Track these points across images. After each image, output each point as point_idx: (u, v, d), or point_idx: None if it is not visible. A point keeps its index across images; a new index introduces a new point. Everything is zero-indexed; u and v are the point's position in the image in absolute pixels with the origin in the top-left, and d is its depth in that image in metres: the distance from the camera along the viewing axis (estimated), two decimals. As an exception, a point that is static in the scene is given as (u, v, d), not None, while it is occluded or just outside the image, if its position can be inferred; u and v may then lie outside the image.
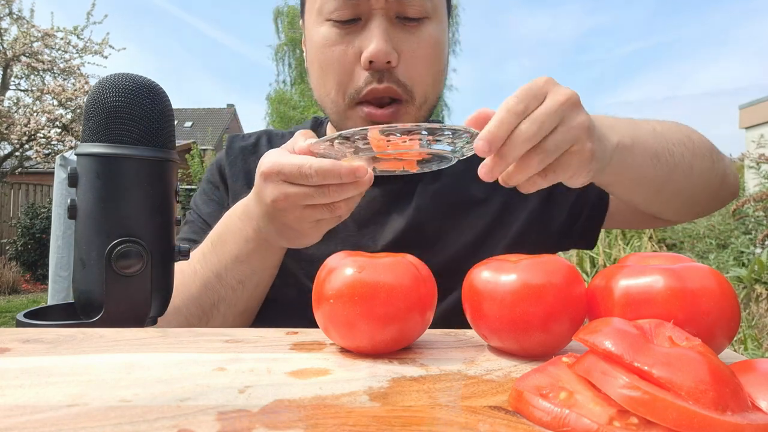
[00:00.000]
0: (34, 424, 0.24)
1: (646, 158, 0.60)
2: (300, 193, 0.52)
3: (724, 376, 0.24)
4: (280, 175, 0.53)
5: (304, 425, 0.25)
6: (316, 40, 0.71)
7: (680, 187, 0.65)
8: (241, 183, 0.81)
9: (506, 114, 0.46)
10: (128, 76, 0.47)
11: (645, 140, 0.60)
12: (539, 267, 0.36)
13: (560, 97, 0.48)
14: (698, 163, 0.66)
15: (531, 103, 0.47)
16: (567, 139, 0.48)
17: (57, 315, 0.48)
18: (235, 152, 0.84)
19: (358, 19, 0.68)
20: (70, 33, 8.41)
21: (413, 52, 0.69)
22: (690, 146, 0.65)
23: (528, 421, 0.26)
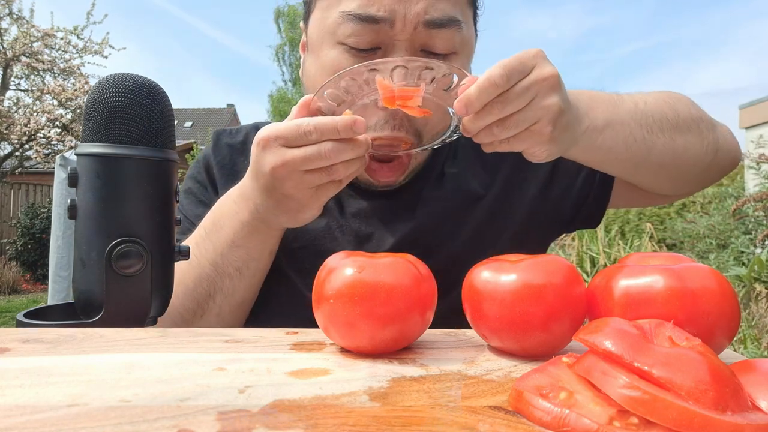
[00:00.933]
0: (34, 424, 0.24)
1: (618, 140, 0.60)
2: (298, 156, 0.52)
3: (724, 376, 0.24)
4: (278, 139, 0.53)
5: (304, 425, 0.25)
6: (325, 63, 0.63)
7: (661, 162, 0.65)
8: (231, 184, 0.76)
9: (488, 84, 0.49)
10: (128, 76, 0.47)
11: (621, 120, 0.60)
12: (539, 267, 0.36)
13: (541, 75, 0.50)
14: (682, 138, 0.65)
15: (514, 76, 0.49)
16: (530, 118, 0.51)
17: (57, 315, 0.48)
18: (223, 151, 0.80)
19: (377, 48, 0.61)
20: (70, 33, 8.42)
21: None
22: (674, 120, 0.65)
23: (528, 421, 0.26)
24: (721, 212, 4.91)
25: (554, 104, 0.51)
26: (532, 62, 0.50)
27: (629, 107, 0.62)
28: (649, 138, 0.62)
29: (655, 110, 0.64)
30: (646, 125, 0.62)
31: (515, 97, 0.50)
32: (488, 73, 0.49)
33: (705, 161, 0.69)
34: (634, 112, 0.62)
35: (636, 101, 0.63)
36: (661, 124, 0.63)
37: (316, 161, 0.52)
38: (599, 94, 0.62)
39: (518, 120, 0.51)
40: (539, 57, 0.51)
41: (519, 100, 0.50)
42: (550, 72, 0.51)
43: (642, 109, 0.63)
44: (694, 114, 0.67)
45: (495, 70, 0.49)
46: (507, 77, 0.49)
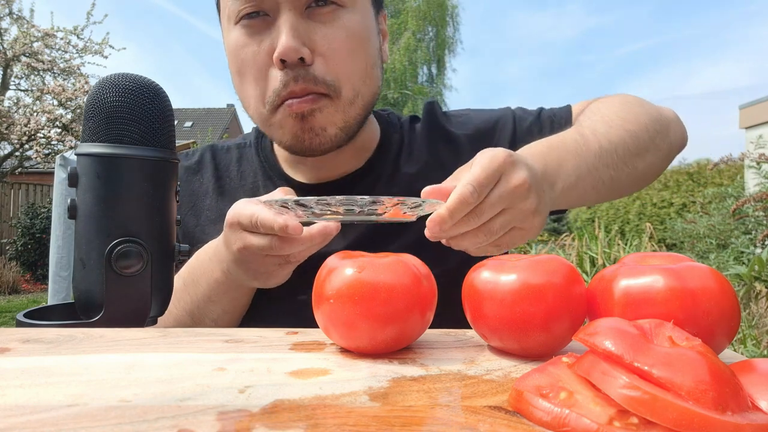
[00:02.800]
0: (34, 424, 0.24)
1: (588, 189, 0.63)
2: (255, 244, 0.55)
3: (724, 376, 0.24)
4: (239, 224, 0.56)
5: (304, 425, 0.25)
6: (229, 47, 0.68)
7: (625, 189, 0.70)
8: (186, 208, 0.80)
9: (460, 203, 0.49)
10: (128, 76, 0.47)
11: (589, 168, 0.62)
12: (539, 267, 0.36)
13: (510, 186, 0.51)
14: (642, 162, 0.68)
15: (484, 190, 0.50)
16: (512, 221, 0.53)
17: (57, 315, 0.48)
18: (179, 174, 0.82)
19: (266, 15, 0.64)
20: (70, 33, 8.41)
21: (329, 44, 0.65)
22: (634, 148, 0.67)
23: (528, 421, 0.26)
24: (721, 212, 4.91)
25: (530, 205, 0.52)
26: (500, 171, 0.51)
27: (594, 150, 0.63)
28: (615, 175, 0.65)
29: (617, 144, 0.65)
30: (611, 164, 0.64)
31: (489, 207, 0.51)
32: (459, 192, 0.50)
33: (662, 168, 0.74)
34: (600, 154, 0.63)
35: (600, 141, 0.64)
36: (624, 157, 0.66)
37: (268, 251, 0.55)
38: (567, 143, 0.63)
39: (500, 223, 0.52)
40: (507, 164, 0.51)
41: (493, 208, 0.51)
42: (520, 179, 0.51)
43: (606, 148, 0.64)
44: (651, 130, 0.70)
45: (465, 188, 0.49)
46: (478, 193, 0.50)
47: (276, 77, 0.64)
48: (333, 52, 0.65)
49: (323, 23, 0.65)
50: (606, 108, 0.72)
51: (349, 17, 0.66)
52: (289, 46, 0.61)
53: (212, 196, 0.80)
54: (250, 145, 0.83)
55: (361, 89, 0.68)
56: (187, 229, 0.79)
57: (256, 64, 0.65)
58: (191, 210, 0.80)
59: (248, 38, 0.65)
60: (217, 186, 0.81)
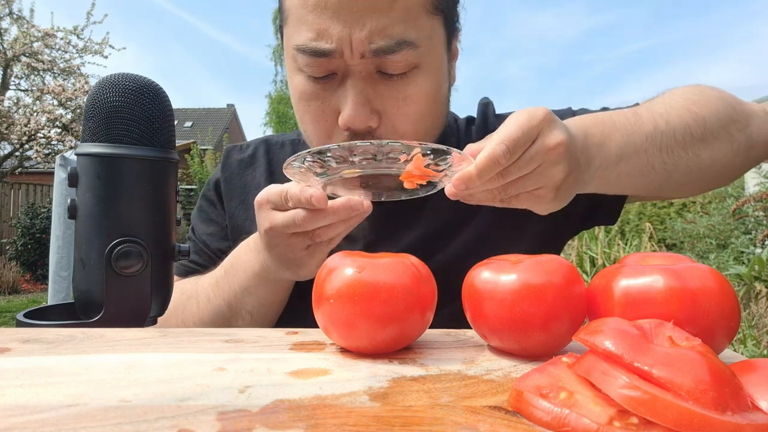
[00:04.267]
0: (34, 424, 0.24)
1: (634, 171, 0.58)
2: (280, 221, 0.54)
3: (724, 376, 0.24)
4: (269, 203, 0.56)
5: (304, 425, 0.25)
6: (293, 88, 0.65)
7: (686, 179, 0.62)
8: (236, 201, 0.79)
9: (490, 163, 0.47)
10: (128, 76, 0.47)
11: (637, 149, 0.57)
12: (539, 267, 0.36)
13: (546, 145, 0.48)
14: (708, 151, 0.60)
15: (518, 150, 0.47)
16: (531, 185, 0.50)
17: (57, 315, 0.48)
18: (232, 167, 0.82)
19: (334, 74, 0.61)
20: (70, 33, 8.42)
21: (399, 109, 0.61)
22: (699, 133, 0.59)
23: (528, 421, 0.26)
24: (721, 212, 4.91)
25: (558, 172, 0.49)
26: (537, 129, 0.48)
27: (648, 130, 0.57)
28: (670, 161, 0.58)
29: (677, 126, 0.59)
30: (666, 148, 0.58)
31: (517, 169, 0.48)
32: (491, 150, 0.46)
33: (735, 164, 0.65)
34: (653, 135, 0.57)
35: (656, 120, 0.58)
36: (684, 142, 0.59)
37: (293, 227, 0.54)
38: (616, 120, 0.58)
39: (519, 185, 0.50)
40: (545, 122, 0.48)
41: (521, 170, 0.48)
42: (557, 140, 0.48)
43: (663, 130, 0.58)
44: (723, 116, 0.61)
45: (498, 147, 0.46)
46: (510, 153, 0.47)
47: (339, 133, 0.62)
48: (402, 116, 0.61)
49: (395, 87, 0.60)
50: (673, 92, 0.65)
51: (424, 79, 0.61)
52: (358, 116, 0.59)
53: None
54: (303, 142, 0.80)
55: (427, 137, 0.66)
56: (237, 222, 0.78)
57: (320, 121, 0.63)
58: (242, 203, 0.78)
59: (313, 93, 0.62)
60: (270, 181, 0.78)
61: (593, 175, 0.55)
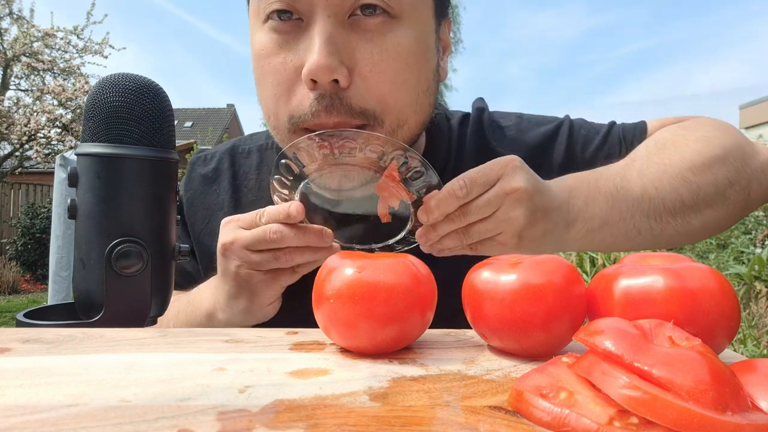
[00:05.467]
0: (34, 424, 0.24)
1: (619, 236, 0.56)
2: (251, 235, 0.54)
3: (724, 376, 0.24)
4: (238, 221, 0.56)
5: (304, 425, 0.25)
6: (255, 50, 0.58)
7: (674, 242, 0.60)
8: (201, 224, 0.73)
9: (447, 196, 0.49)
10: (128, 76, 0.47)
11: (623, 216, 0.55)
12: (539, 267, 0.36)
13: (505, 189, 0.49)
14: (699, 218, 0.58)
15: (475, 189, 0.49)
16: (491, 230, 0.51)
17: (57, 315, 0.48)
18: (195, 185, 0.75)
19: (300, 19, 0.54)
20: (70, 33, 8.42)
21: (374, 65, 0.53)
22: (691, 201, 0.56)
23: (528, 421, 0.26)
24: (721, 212, 4.90)
25: (518, 218, 0.50)
26: (498, 173, 0.49)
27: (635, 196, 0.55)
28: (657, 226, 0.57)
29: (668, 194, 0.56)
30: (654, 214, 0.56)
31: (476, 209, 0.50)
32: (449, 184, 0.49)
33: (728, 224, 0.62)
34: (641, 201, 0.55)
35: (645, 186, 0.56)
36: (674, 209, 0.56)
37: (261, 242, 0.54)
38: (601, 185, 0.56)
39: (479, 229, 0.51)
40: (509, 167, 0.50)
41: (479, 212, 0.50)
42: (516, 186, 0.49)
43: (652, 197, 0.55)
44: (722, 180, 0.57)
45: (456, 182, 0.49)
46: (467, 190, 0.49)
47: (304, 97, 0.54)
48: (377, 75, 0.53)
49: (368, 37, 0.53)
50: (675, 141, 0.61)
51: (404, 32, 0.54)
52: (323, 63, 0.51)
53: (227, 209, 0.72)
54: (272, 146, 0.74)
55: (409, 119, 0.57)
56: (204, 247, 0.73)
57: (281, 79, 0.55)
58: (206, 227, 0.73)
59: (275, 46, 0.55)
60: (234, 199, 0.73)
61: (575, 237, 0.55)
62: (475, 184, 0.49)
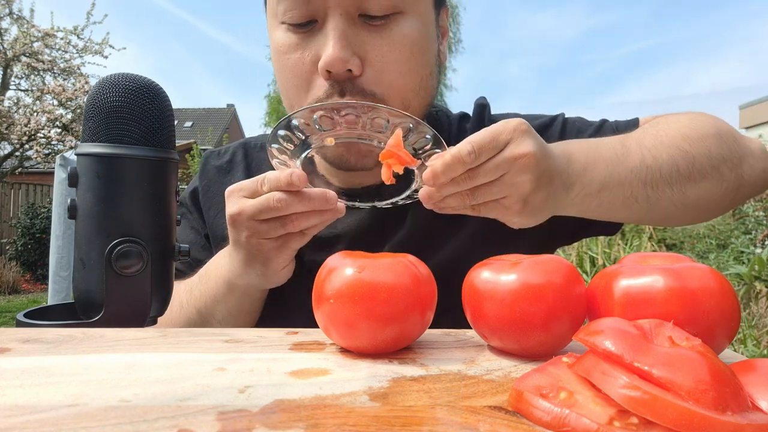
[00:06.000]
0: (34, 424, 0.24)
1: (616, 202, 0.58)
2: (255, 204, 0.54)
3: (724, 376, 0.24)
4: (241, 191, 0.56)
5: (304, 425, 0.25)
6: (274, 46, 0.64)
7: (668, 214, 0.62)
8: (215, 210, 0.77)
9: (455, 161, 0.49)
10: (128, 76, 0.47)
11: (621, 181, 0.57)
12: (539, 267, 0.36)
13: (513, 154, 0.49)
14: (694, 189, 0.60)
15: (484, 154, 0.49)
16: (497, 193, 0.51)
17: (57, 315, 0.48)
18: (210, 175, 0.79)
19: (315, 21, 0.60)
20: (70, 33, 8.42)
21: (382, 56, 0.59)
22: (687, 171, 0.59)
23: (528, 421, 0.26)
24: (721, 212, 4.90)
25: (524, 183, 0.50)
26: (507, 138, 0.49)
27: (633, 163, 0.57)
28: (654, 195, 0.58)
29: (665, 162, 0.58)
30: (651, 182, 0.58)
31: (483, 173, 0.50)
32: (457, 148, 0.49)
33: (723, 202, 0.64)
34: (639, 168, 0.57)
35: (643, 154, 0.58)
36: (670, 178, 0.58)
37: (266, 211, 0.54)
38: (602, 149, 0.58)
39: (485, 192, 0.51)
40: (517, 132, 0.50)
41: (486, 176, 0.50)
42: (525, 151, 0.49)
43: (649, 165, 0.58)
44: (715, 154, 0.61)
45: (464, 146, 0.48)
46: (476, 155, 0.48)
47: (320, 86, 0.60)
48: (386, 64, 0.59)
49: (377, 32, 0.59)
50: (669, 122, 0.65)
51: (408, 25, 0.60)
52: (337, 56, 0.57)
53: None
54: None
55: (412, 102, 0.63)
56: (218, 231, 0.76)
57: (300, 73, 0.61)
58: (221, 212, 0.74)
59: (293, 42, 0.61)
60: None
61: (573, 201, 0.56)
62: (484, 149, 0.49)
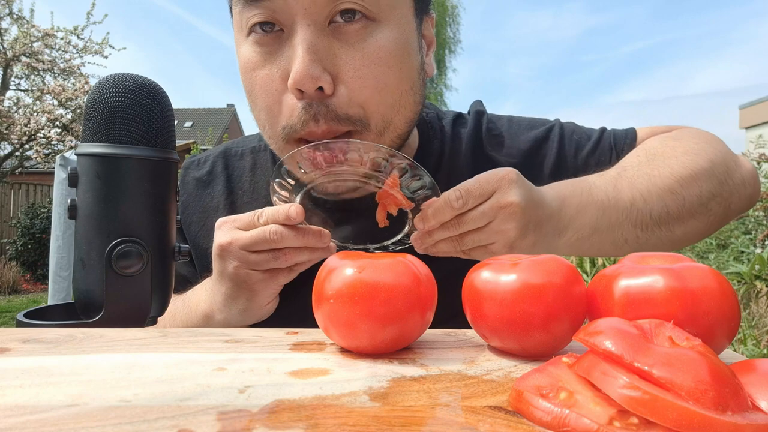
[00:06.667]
0: (34, 424, 0.24)
1: (606, 243, 0.59)
2: (250, 236, 0.54)
3: (724, 376, 0.24)
4: (234, 222, 0.56)
5: (304, 425, 0.25)
6: (242, 64, 0.59)
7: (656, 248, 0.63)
8: (197, 227, 0.74)
9: (443, 206, 0.51)
10: (128, 76, 0.47)
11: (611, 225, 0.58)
12: (539, 267, 0.36)
13: (500, 203, 0.51)
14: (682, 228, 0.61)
15: (470, 201, 0.51)
16: (484, 239, 0.53)
17: (57, 315, 0.48)
18: (189, 188, 0.76)
19: (281, 30, 0.55)
20: (70, 33, 8.41)
21: (355, 70, 0.54)
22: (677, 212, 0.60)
23: (528, 421, 0.26)
24: (721, 212, 4.90)
25: (509, 230, 0.52)
26: (494, 187, 0.51)
27: (624, 206, 0.58)
28: (643, 236, 0.60)
29: (655, 206, 0.59)
30: (641, 224, 0.59)
31: (471, 220, 0.52)
32: (446, 194, 0.51)
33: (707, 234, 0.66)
34: (629, 212, 0.58)
35: (634, 196, 0.58)
36: (660, 220, 0.59)
37: (261, 243, 0.54)
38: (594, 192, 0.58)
39: (473, 238, 0.53)
40: (504, 181, 0.51)
41: (474, 223, 0.52)
42: (510, 200, 0.51)
43: (640, 208, 0.58)
44: (706, 193, 0.61)
45: (452, 192, 0.51)
46: (463, 201, 0.51)
47: (292, 107, 0.55)
48: (359, 80, 0.54)
49: (349, 43, 0.54)
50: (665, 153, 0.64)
51: (383, 35, 0.55)
52: (307, 73, 0.52)
53: (222, 211, 0.73)
54: (265, 148, 0.76)
55: (394, 119, 0.58)
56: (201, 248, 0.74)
57: (270, 91, 0.56)
58: (202, 229, 0.74)
59: (260, 58, 0.56)
60: (229, 201, 0.74)
61: (565, 244, 0.58)
62: (471, 195, 0.51)
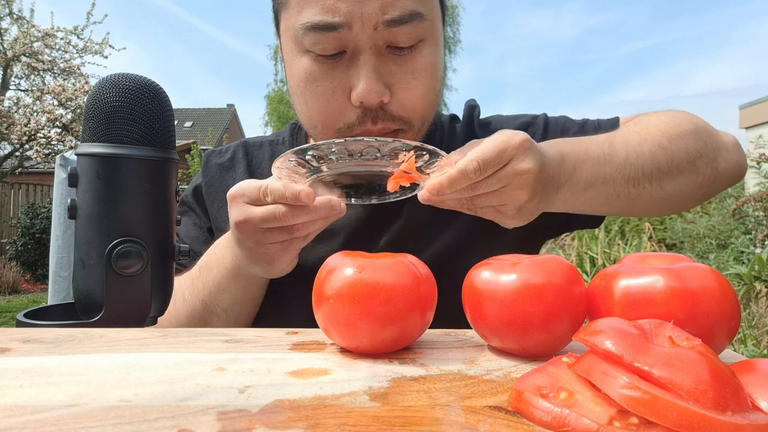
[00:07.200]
0: (34, 424, 0.24)
1: (599, 198, 0.61)
2: (257, 215, 0.54)
3: (724, 376, 0.24)
4: (243, 197, 0.56)
5: (304, 425, 0.25)
6: (297, 73, 0.64)
7: (647, 207, 0.66)
8: (218, 204, 0.79)
9: (461, 177, 0.51)
10: (128, 76, 0.47)
11: (606, 180, 0.60)
12: (539, 267, 0.36)
13: (516, 170, 0.52)
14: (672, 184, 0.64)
15: (488, 169, 0.51)
16: (495, 202, 0.54)
17: (57, 315, 0.48)
18: (212, 171, 0.82)
19: (343, 52, 0.61)
20: (70, 33, 8.41)
21: (407, 83, 0.63)
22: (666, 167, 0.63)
23: (528, 421, 0.26)
24: (721, 212, 4.92)
25: (523, 196, 0.53)
26: (511, 154, 0.51)
27: (618, 162, 0.61)
28: (635, 191, 0.62)
29: (647, 160, 0.62)
30: (633, 179, 0.61)
31: (486, 186, 0.52)
32: (463, 165, 0.51)
33: (698, 195, 0.68)
34: (623, 167, 0.61)
35: (627, 152, 0.62)
36: (651, 175, 0.62)
37: (271, 221, 0.54)
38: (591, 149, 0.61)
39: (484, 200, 0.54)
40: (521, 148, 0.52)
41: (488, 188, 0.52)
42: (526, 168, 0.52)
43: (633, 163, 0.61)
44: (693, 151, 0.65)
45: (470, 163, 0.50)
46: (481, 171, 0.51)
47: (351, 113, 0.62)
48: (411, 91, 0.63)
49: (403, 62, 0.62)
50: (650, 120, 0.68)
51: (428, 50, 0.63)
52: (372, 90, 0.59)
53: None
54: (283, 141, 0.82)
55: (429, 116, 0.67)
56: (221, 224, 0.78)
57: (330, 101, 0.63)
58: (224, 206, 0.78)
59: (322, 73, 0.62)
60: None
61: (560, 198, 0.59)
62: (489, 165, 0.51)
